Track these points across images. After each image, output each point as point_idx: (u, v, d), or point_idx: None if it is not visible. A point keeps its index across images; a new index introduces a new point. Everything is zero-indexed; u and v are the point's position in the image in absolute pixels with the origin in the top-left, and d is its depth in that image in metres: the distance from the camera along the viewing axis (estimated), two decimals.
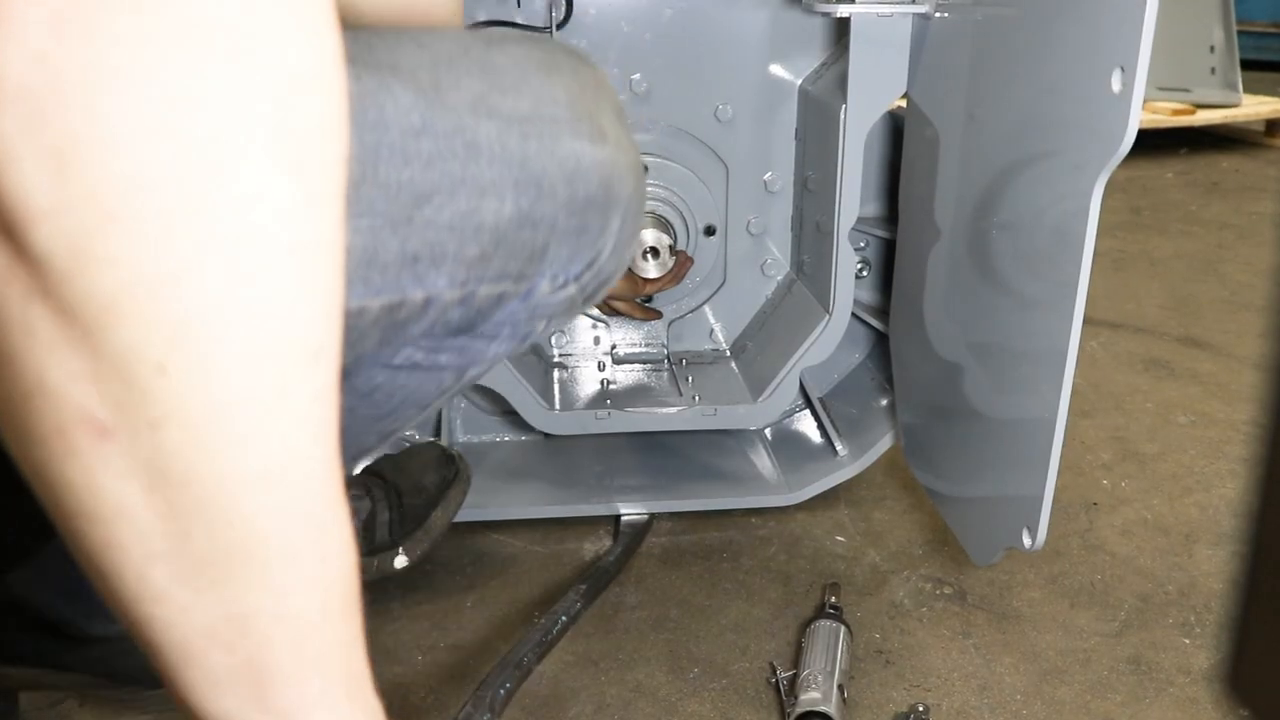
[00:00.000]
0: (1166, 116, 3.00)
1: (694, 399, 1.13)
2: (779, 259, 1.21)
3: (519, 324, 0.56)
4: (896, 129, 1.06)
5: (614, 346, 1.24)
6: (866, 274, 1.16)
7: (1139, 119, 0.63)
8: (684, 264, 1.15)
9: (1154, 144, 3.03)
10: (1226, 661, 0.29)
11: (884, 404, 1.15)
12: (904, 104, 0.98)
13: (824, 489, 1.14)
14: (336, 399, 0.31)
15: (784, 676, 0.88)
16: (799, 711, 0.83)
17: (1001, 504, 0.84)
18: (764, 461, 1.20)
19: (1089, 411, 1.42)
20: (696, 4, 1.10)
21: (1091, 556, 1.09)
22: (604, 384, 1.18)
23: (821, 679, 0.85)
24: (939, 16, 0.90)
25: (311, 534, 0.31)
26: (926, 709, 0.86)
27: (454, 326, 0.53)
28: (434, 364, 0.56)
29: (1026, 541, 0.79)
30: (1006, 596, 1.03)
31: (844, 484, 1.16)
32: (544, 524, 1.15)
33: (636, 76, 1.12)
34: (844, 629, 0.92)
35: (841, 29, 1.07)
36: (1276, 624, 0.28)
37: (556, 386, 1.17)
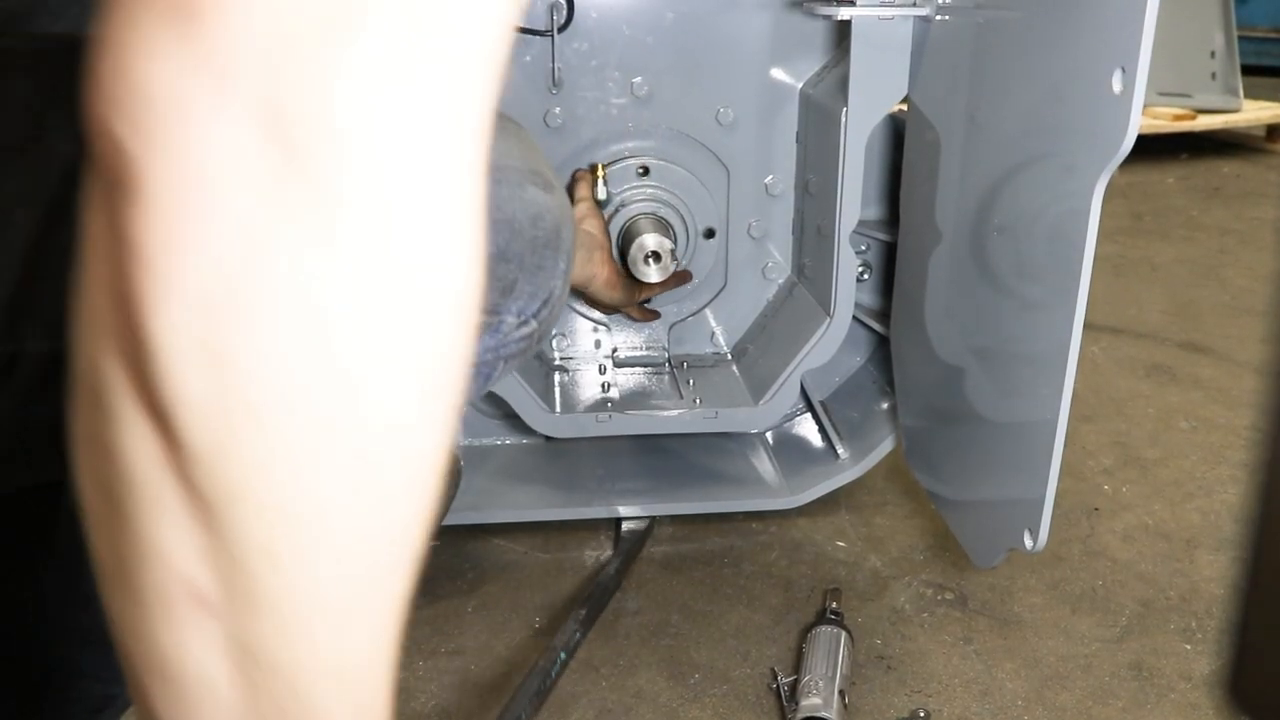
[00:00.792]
0: (1167, 122, 3.00)
1: (695, 402, 1.12)
2: (780, 262, 1.21)
3: (484, 364, 0.64)
4: (898, 132, 1.06)
5: (615, 350, 1.23)
6: (867, 277, 1.16)
7: (1140, 119, 0.63)
8: (683, 278, 1.15)
9: (1155, 149, 3.03)
10: (1227, 667, 0.29)
11: (885, 407, 1.15)
12: (905, 107, 0.98)
13: (825, 492, 1.14)
14: (408, 602, 0.33)
15: (785, 682, 0.88)
16: (800, 717, 0.82)
17: (1003, 506, 0.84)
18: (765, 465, 1.20)
19: (1090, 416, 1.42)
20: (698, 7, 1.10)
21: (1093, 562, 1.09)
22: (605, 387, 1.18)
23: (822, 685, 0.85)
24: (940, 19, 0.90)
25: None
26: (928, 714, 0.86)
27: None
28: None
29: (1028, 543, 0.78)
30: (1008, 602, 1.03)
31: (845, 489, 1.16)
32: (545, 528, 1.15)
33: (638, 80, 1.12)
34: (845, 634, 0.92)
35: (842, 32, 1.07)
36: (1276, 630, 0.28)
37: (557, 389, 1.17)
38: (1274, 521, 0.27)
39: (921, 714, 0.86)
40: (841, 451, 1.14)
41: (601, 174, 1.12)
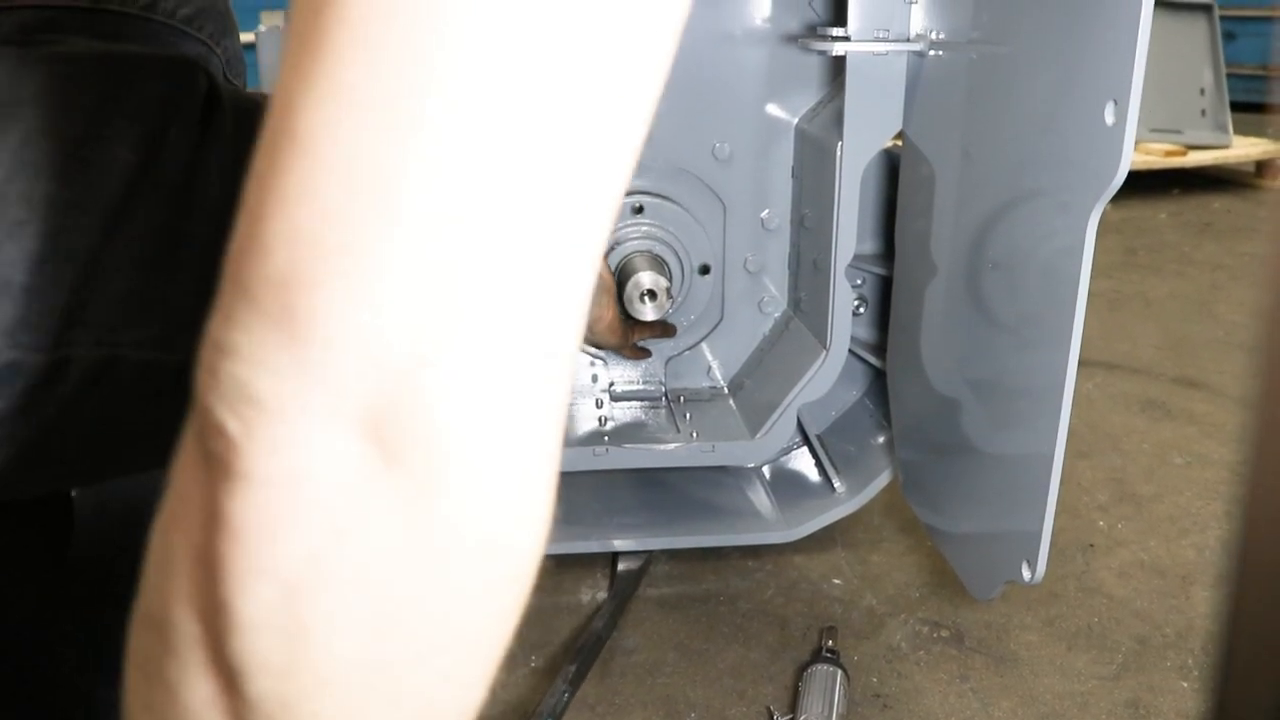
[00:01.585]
0: (1159, 157, 3.03)
1: (692, 435, 1.12)
2: (776, 296, 1.21)
3: None
4: (893, 166, 1.07)
5: (611, 384, 1.23)
6: (863, 311, 1.16)
7: (1132, 150, 0.64)
8: (669, 332, 1.16)
9: (1147, 185, 3.06)
10: (1212, 701, 0.29)
11: (881, 441, 1.15)
12: (899, 142, 0.99)
13: (822, 525, 1.13)
14: None
15: None
16: None
17: (1000, 538, 0.84)
18: (761, 498, 1.19)
19: (1085, 452, 1.42)
20: (693, 42, 1.11)
21: (1089, 599, 1.09)
22: (602, 420, 1.17)
23: None
24: (933, 54, 0.91)
25: None
26: None
27: None
28: None
29: (1026, 575, 0.78)
30: (1004, 639, 1.02)
31: (841, 526, 1.15)
32: (541, 563, 1.14)
33: None
34: (841, 673, 0.91)
35: (837, 67, 1.08)
36: (1257, 664, 0.27)
37: None
38: (1255, 552, 0.27)
39: None
40: (838, 485, 1.14)
41: None
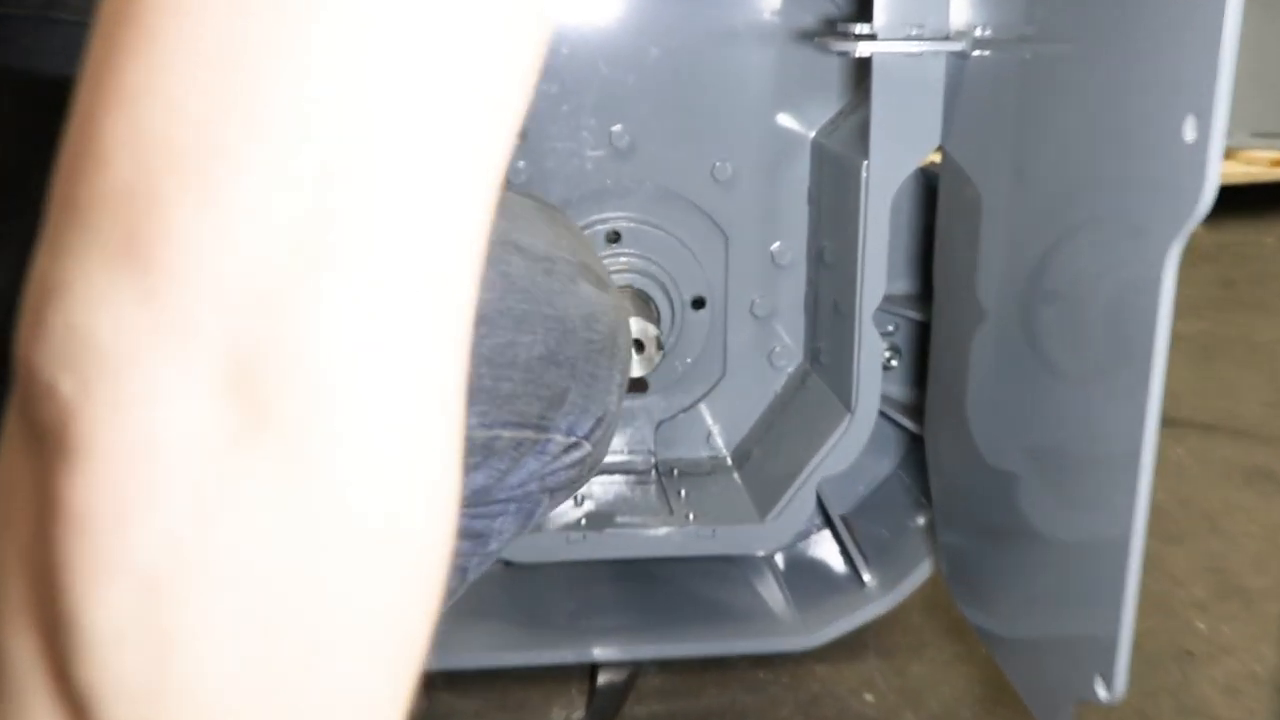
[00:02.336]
0: (1265, 168, 3.03)
1: (688, 517, 1.12)
2: (790, 346, 1.21)
3: (526, 496, 0.67)
4: (930, 189, 1.07)
5: None
6: (896, 364, 1.16)
7: (1219, 173, 0.64)
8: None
9: (1249, 202, 3.07)
10: None
11: (920, 523, 1.15)
12: (938, 159, 0.99)
13: (848, 629, 1.13)
14: None
15: None
16: None
17: (1069, 646, 0.83)
18: (774, 595, 1.18)
19: (1177, 536, 1.41)
20: (688, 42, 1.12)
21: None
22: (578, 499, 1.17)
23: None
24: (977, 55, 0.92)
25: None
26: None
27: (472, 488, 0.62)
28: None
29: (1102, 693, 0.77)
30: None
31: (873, 626, 1.14)
32: (503, 677, 1.13)
33: (617, 128, 1.13)
34: None
35: (862, 71, 1.09)
36: None
37: None
38: None
39: None
40: (868, 578, 1.13)
41: None
